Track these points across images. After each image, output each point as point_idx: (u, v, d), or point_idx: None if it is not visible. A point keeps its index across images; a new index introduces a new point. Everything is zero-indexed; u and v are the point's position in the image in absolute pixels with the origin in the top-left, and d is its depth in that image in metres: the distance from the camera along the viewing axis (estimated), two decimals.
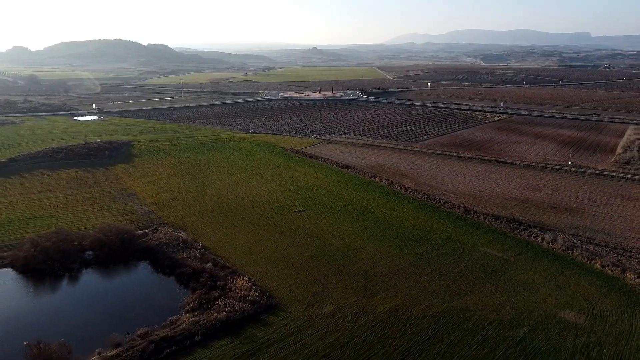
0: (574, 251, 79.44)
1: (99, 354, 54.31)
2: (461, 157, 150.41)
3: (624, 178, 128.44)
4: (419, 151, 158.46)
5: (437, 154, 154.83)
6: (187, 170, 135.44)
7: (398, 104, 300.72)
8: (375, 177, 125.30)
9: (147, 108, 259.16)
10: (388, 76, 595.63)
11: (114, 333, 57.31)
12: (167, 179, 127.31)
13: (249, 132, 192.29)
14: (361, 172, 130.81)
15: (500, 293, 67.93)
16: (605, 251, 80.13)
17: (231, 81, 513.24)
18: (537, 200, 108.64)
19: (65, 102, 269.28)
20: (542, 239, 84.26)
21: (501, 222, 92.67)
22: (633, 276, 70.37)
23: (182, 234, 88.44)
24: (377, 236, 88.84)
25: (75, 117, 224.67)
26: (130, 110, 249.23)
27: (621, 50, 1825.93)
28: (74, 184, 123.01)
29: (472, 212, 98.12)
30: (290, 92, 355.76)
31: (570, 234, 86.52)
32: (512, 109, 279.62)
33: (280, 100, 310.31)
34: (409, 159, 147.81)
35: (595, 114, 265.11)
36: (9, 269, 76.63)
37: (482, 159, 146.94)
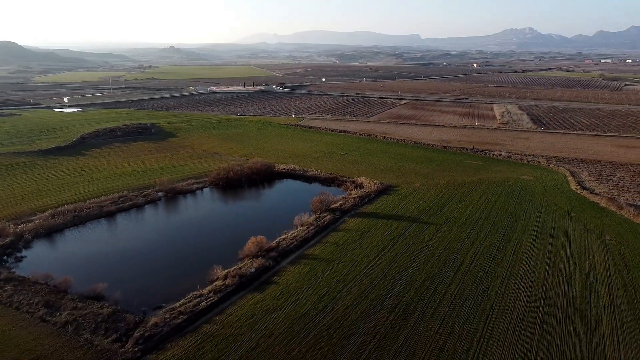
0: (511, 158, 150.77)
1: (320, 212, 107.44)
2: (408, 124, 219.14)
3: (511, 130, 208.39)
4: (378, 122, 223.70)
5: (392, 123, 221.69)
6: (230, 139, 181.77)
7: (318, 94, 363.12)
8: (369, 135, 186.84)
9: (112, 101, 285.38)
10: (277, 73, 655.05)
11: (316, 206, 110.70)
12: (225, 144, 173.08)
13: (237, 115, 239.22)
14: (357, 133, 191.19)
15: (488, 174, 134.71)
16: (524, 157, 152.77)
17: (135, 79, 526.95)
18: (475, 141, 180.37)
19: (24, 97, 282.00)
20: (493, 154, 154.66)
21: (466, 150, 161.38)
22: (544, 163, 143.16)
23: (295, 166, 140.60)
24: (404, 161, 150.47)
25: (56, 110, 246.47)
26: (97, 103, 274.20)
27: (449, 51, 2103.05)
28: (158, 150, 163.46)
29: (447, 147, 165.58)
30: (216, 87, 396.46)
31: (504, 152, 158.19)
32: (406, 96, 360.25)
33: (220, 93, 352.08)
34: (377, 126, 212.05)
35: (465, 98, 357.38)
36: (207, 189, 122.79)
37: (422, 125, 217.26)
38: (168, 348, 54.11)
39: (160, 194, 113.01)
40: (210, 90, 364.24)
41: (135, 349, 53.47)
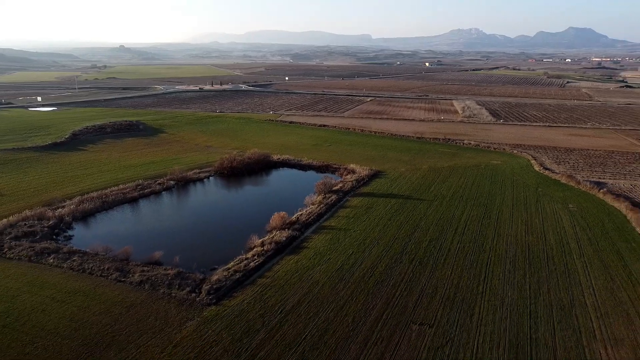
0: (479, 146, 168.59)
1: (324, 193, 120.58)
2: (381, 118, 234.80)
3: (474, 122, 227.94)
4: (352, 117, 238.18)
5: (365, 117, 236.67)
6: (218, 134, 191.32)
7: (286, 92, 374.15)
8: (348, 128, 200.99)
9: (85, 100, 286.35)
10: (238, 73, 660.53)
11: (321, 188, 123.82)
12: (215, 139, 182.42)
13: (217, 112, 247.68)
14: (336, 127, 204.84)
15: (462, 160, 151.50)
16: (491, 145, 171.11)
17: (96, 79, 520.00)
18: (444, 133, 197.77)
19: None
20: (463, 143, 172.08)
21: (439, 140, 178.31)
22: (509, 150, 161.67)
23: (289, 156, 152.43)
24: (385, 150, 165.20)
25: (31, 109, 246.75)
26: (71, 102, 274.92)
27: (400, 51, 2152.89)
28: (152, 145, 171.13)
29: (421, 138, 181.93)
30: (184, 86, 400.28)
31: (473, 141, 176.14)
32: (370, 93, 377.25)
33: (191, 92, 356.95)
34: (353, 121, 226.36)
35: (425, 95, 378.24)
36: (210, 178, 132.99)
37: (394, 119, 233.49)
38: (236, 296, 65.59)
39: (172, 182, 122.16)
40: (200, 88, 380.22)
41: (210, 297, 64.62)
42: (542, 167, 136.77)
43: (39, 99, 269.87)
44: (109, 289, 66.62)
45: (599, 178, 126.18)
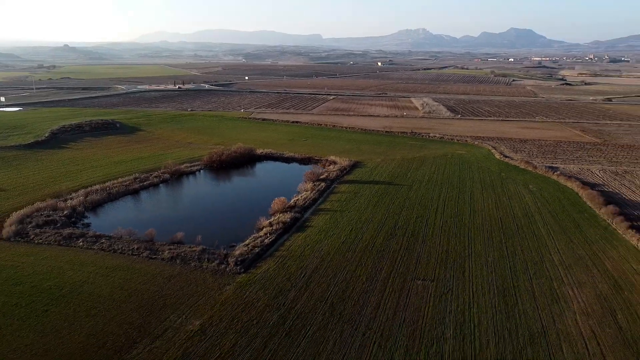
0: (444, 138, 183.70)
1: (313, 181, 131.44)
2: (348, 115, 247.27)
3: (435, 118, 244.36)
4: (321, 114, 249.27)
5: (333, 114, 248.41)
6: (196, 132, 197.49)
7: (250, 91, 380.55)
8: (320, 124, 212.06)
9: (49, 100, 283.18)
10: (196, 73, 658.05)
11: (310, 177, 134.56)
12: (194, 136, 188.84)
13: (188, 111, 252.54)
14: (308, 123, 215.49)
15: (430, 151, 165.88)
16: (454, 137, 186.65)
17: (50, 79, 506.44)
18: (411, 127, 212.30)
19: None
20: (429, 136, 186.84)
21: (407, 134, 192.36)
22: (471, 141, 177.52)
23: (271, 150, 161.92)
24: (359, 144, 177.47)
25: None
26: (37, 102, 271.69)
27: (352, 50, 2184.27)
28: (133, 142, 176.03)
29: (390, 132, 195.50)
30: (146, 86, 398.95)
31: (437, 134, 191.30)
32: (331, 92, 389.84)
33: (156, 91, 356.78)
34: (322, 117, 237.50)
35: (383, 93, 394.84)
36: (201, 170, 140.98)
37: (361, 115, 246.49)
38: (260, 266, 75.11)
39: (167, 175, 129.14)
40: (179, 87, 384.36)
41: (238, 267, 73.85)
42: (502, 156, 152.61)
43: (2, 99, 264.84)
44: (145, 265, 74.50)
45: (552, 163, 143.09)
